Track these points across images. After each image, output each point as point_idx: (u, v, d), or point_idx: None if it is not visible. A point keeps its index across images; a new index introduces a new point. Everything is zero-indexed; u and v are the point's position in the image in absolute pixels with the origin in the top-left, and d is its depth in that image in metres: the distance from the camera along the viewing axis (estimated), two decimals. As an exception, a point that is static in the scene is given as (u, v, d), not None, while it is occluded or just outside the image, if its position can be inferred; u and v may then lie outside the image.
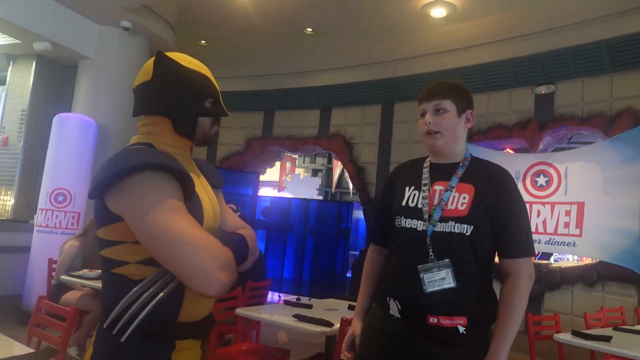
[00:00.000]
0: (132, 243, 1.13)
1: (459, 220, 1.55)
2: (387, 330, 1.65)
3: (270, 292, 7.59)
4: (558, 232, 5.60)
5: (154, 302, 1.11)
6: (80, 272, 3.85)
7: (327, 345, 3.21)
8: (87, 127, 5.48)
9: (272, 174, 11.82)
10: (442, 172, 1.66)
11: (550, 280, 5.57)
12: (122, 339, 1.10)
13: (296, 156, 12.80)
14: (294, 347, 3.46)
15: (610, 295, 5.18)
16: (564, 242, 5.55)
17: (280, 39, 7.01)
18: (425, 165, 1.72)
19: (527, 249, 1.58)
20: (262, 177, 9.48)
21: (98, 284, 3.46)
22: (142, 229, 1.08)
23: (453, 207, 1.57)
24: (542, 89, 5.91)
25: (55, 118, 5.42)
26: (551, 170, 5.78)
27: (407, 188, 1.70)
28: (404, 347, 1.60)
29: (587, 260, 6.02)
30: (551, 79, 5.85)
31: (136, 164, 1.09)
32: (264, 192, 11.07)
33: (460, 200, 1.58)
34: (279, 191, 12.19)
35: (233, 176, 8.08)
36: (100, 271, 3.50)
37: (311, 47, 7.22)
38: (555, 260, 6.91)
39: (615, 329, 3.59)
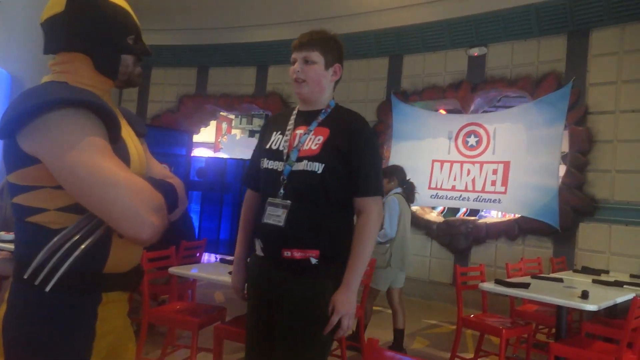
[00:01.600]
0: (51, 188, 1.04)
1: (311, 158, 1.68)
2: (257, 271, 1.79)
3: (207, 253, 7.50)
4: (485, 189, 5.89)
5: (77, 251, 1.02)
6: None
7: (249, 318, 3.21)
8: (0, 79, 4.99)
9: (207, 135, 11.47)
10: (305, 118, 1.79)
11: (476, 235, 5.90)
12: (47, 289, 1.01)
13: (232, 117, 12.47)
14: (231, 306, 3.44)
15: (530, 247, 5.57)
16: (491, 199, 5.86)
17: (214, -10, 6.65)
18: (293, 112, 1.84)
19: (376, 188, 1.72)
20: (196, 138, 9.17)
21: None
22: (64, 171, 0.99)
23: (307, 147, 1.70)
24: (475, 51, 6.07)
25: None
26: (481, 131, 6.02)
27: (274, 133, 1.82)
28: (268, 282, 1.73)
29: (510, 217, 6.42)
30: (484, 41, 6.01)
31: (54, 99, 0.99)
32: (199, 152, 10.75)
33: (315, 141, 1.71)
34: (214, 152, 11.89)
35: (165, 135, 7.75)
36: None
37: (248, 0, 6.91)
38: (480, 217, 7.30)
39: (533, 277, 3.87)
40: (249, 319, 1.84)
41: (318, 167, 1.66)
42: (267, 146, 1.80)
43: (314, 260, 1.65)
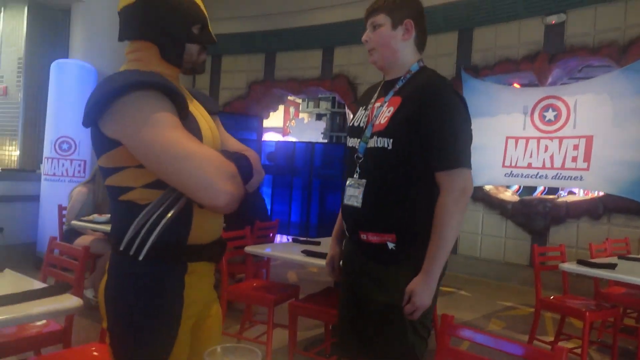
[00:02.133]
0: (135, 167, 1.12)
1: (381, 134, 1.55)
2: (345, 252, 1.75)
3: (278, 235, 7.73)
4: (565, 166, 5.56)
5: (162, 222, 1.10)
6: (91, 217, 3.90)
7: (335, 281, 3.28)
8: (85, 73, 5.38)
9: (276, 119, 11.70)
10: (385, 88, 1.66)
11: (556, 215, 5.60)
12: (140, 257, 1.10)
13: (300, 100, 12.61)
14: (304, 285, 3.54)
15: (616, 227, 5.21)
16: (571, 177, 5.52)
17: (278, -25, 6.71)
18: (380, 84, 1.71)
19: (454, 160, 1.49)
20: (266, 123, 9.39)
21: (108, 228, 3.51)
22: (141, 148, 1.07)
23: (378, 122, 1.58)
24: (553, 19, 5.67)
25: (53, 65, 5.32)
26: (560, 104, 5.67)
27: (360, 109, 1.72)
28: (351, 264, 1.69)
29: (593, 195, 6.02)
30: (562, 7, 5.60)
31: (125, 83, 1.07)
32: (269, 137, 11.00)
33: (385, 114, 1.57)
34: (283, 136, 12.12)
35: (236, 121, 8.00)
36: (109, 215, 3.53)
37: (311, -18, 6.92)
38: (559, 195, 6.91)
39: (620, 257, 3.64)
40: (339, 297, 1.79)
41: (387, 143, 1.53)
42: (351, 123, 1.72)
43: (391, 245, 1.54)
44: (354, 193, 1.59)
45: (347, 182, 1.63)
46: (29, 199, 5.51)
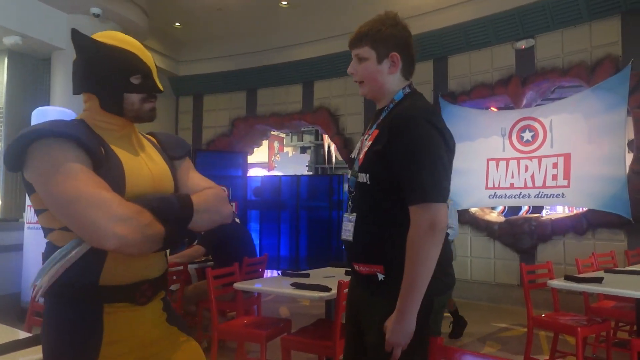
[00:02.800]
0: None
1: (360, 169, 1.56)
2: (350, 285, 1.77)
3: (268, 270, 7.65)
4: (546, 184, 5.67)
5: (61, 261, 1.14)
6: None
7: (327, 311, 3.26)
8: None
9: (261, 155, 11.77)
10: (374, 119, 1.64)
11: (541, 233, 5.67)
12: (37, 300, 1.17)
13: (284, 135, 12.74)
14: (296, 319, 3.51)
15: (601, 241, 5.28)
16: (553, 194, 5.63)
17: (255, 15, 6.90)
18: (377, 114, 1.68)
19: (422, 194, 1.40)
20: (251, 159, 9.44)
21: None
22: (42, 193, 1.14)
23: (360, 156, 1.58)
24: (522, 44, 5.90)
25: (34, 112, 5.31)
26: (536, 125, 5.82)
27: (361, 139, 1.69)
28: (351, 294, 1.72)
29: (577, 211, 6.12)
30: (530, 32, 5.84)
31: (33, 134, 1.14)
32: (254, 172, 11.04)
33: (364, 148, 1.57)
34: (268, 171, 12.17)
35: (221, 158, 8.04)
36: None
37: (288, 20, 7.12)
38: (546, 213, 7.00)
39: (607, 271, 3.67)
40: (346, 329, 1.78)
41: (366, 178, 1.53)
42: (352, 155, 1.74)
43: (380, 276, 1.52)
44: (347, 227, 1.60)
45: (344, 216, 1.65)
46: (12, 248, 5.41)
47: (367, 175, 1.52)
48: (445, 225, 1.43)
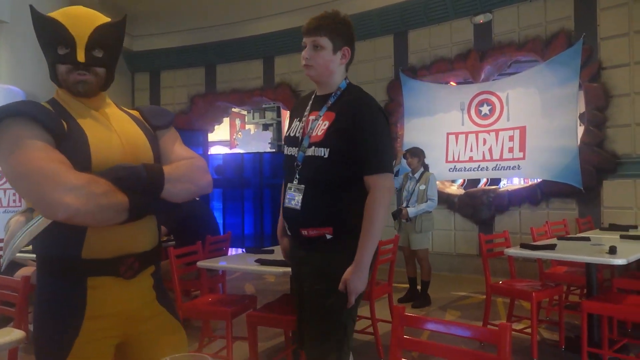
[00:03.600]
0: None
1: (318, 144, 1.75)
2: (290, 248, 1.97)
3: (233, 248, 7.61)
4: (503, 157, 5.84)
5: (24, 234, 1.15)
6: (30, 247, 3.69)
7: (291, 287, 3.27)
8: (13, 98, 5.11)
9: (222, 132, 11.56)
10: (319, 103, 1.85)
11: (499, 204, 5.86)
12: (1, 270, 1.20)
13: (245, 112, 12.54)
14: (262, 296, 3.52)
15: (554, 210, 5.51)
16: (510, 167, 5.81)
17: (212, -13, 6.66)
18: (312, 97, 1.90)
19: (382, 166, 1.74)
20: (212, 137, 9.27)
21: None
22: (3, 171, 1.15)
23: (315, 133, 1.78)
24: (480, 18, 5.97)
25: (-23, 90, 5.02)
26: (493, 99, 5.95)
27: (295, 120, 1.91)
28: (295, 258, 1.91)
29: (532, 182, 6.35)
30: (488, 7, 5.91)
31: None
32: (216, 150, 10.86)
33: (321, 127, 1.77)
34: (230, 149, 12.00)
35: (180, 136, 7.85)
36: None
37: (246, -7, 6.92)
38: (503, 185, 7.23)
39: (560, 238, 3.85)
40: (296, 300, 1.98)
41: (324, 152, 1.74)
42: (287, 134, 1.90)
43: (328, 236, 1.75)
44: (293, 197, 1.79)
45: (288, 187, 1.83)
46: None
47: (327, 149, 1.73)
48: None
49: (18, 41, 5.51)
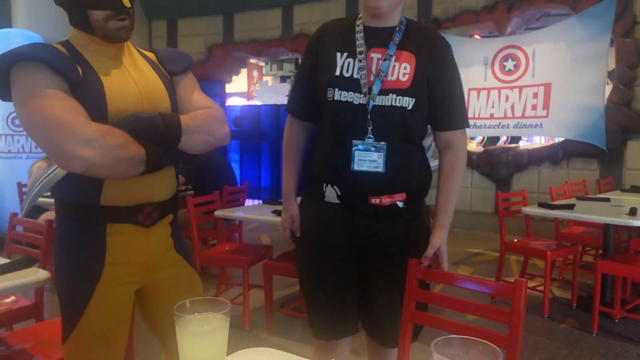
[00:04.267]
0: None
1: (401, 92, 1.43)
2: (327, 219, 1.55)
3: (249, 199, 7.71)
4: (526, 115, 5.69)
5: (43, 182, 1.16)
6: (50, 193, 3.78)
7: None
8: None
9: (240, 84, 11.46)
10: (377, 37, 1.48)
11: (518, 162, 5.78)
12: (21, 216, 1.22)
13: (263, 64, 12.36)
14: (277, 246, 3.57)
15: (575, 171, 5.42)
16: (532, 125, 5.67)
17: None
18: (358, 27, 1.50)
19: (464, 120, 1.57)
20: (230, 88, 9.19)
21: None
22: (18, 117, 1.13)
23: (394, 78, 1.44)
24: (510, -33, 5.67)
25: (-5, 36, 5.02)
26: (519, 53, 5.74)
27: (338, 54, 1.48)
28: (346, 230, 1.53)
29: (553, 141, 6.21)
30: (519, -45, 5.60)
31: (5, 59, 1.11)
32: (233, 102, 10.81)
33: (401, 70, 1.45)
34: (248, 100, 11.93)
35: (198, 86, 7.80)
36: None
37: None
38: (523, 143, 7.10)
39: (579, 198, 3.80)
40: (319, 269, 1.58)
41: (408, 103, 1.44)
42: (337, 72, 1.46)
43: (400, 204, 1.49)
44: (370, 157, 1.45)
45: (356, 144, 1.45)
46: (-15, 178, 5.30)
47: (413, 100, 1.44)
48: None
49: (35, -14, 5.43)
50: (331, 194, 1.51)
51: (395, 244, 1.53)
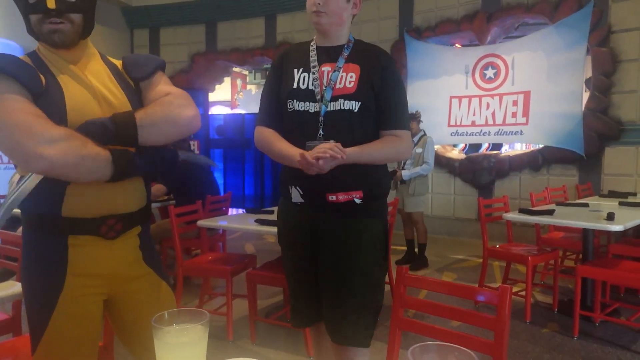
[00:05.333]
0: None
1: (348, 97, 1.63)
2: (294, 218, 1.75)
3: (233, 208, 7.67)
4: (506, 122, 5.79)
5: (15, 193, 1.13)
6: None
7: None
8: (10, 52, 5.03)
9: (223, 93, 11.43)
10: (328, 54, 1.71)
11: (500, 169, 5.86)
12: None
13: (246, 72, 12.36)
14: (261, 255, 3.57)
15: (554, 176, 5.51)
16: (512, 132, 5.77)
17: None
18: (312, 47, 1.74)
19: (406, 123, 1.72)
20: (213, 97, 9.16)
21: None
22: None
23: (342, 85, 1.64)
24: (489, -22, 5.78)
25: (-27, 44, 4.93)
26: (499, 62, 5.85)
27: (295, 70, 1.71)
28: (310, 226, 1.70)
29: (534, 148, 6.32)
30: (497, -34, 5.72)
31: None
32: (217, 110, 10.77)
33: (347, 78, 1.65)
34: (231, 109, 11.90)
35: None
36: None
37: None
38: (505, 150, 7.21)
39: (558, 204, 3.86)
40: (289, 263, 1.81)
41: (355, 106, 1.62)
42: (295, 86, 1.68)
43: (358, 201, 1.64)
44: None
45: (309, 146, 1.61)
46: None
47: (359, 103, 1.62)
48: None
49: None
50: (295, 194, 1.70)
51: (352, 239, 1.66)
